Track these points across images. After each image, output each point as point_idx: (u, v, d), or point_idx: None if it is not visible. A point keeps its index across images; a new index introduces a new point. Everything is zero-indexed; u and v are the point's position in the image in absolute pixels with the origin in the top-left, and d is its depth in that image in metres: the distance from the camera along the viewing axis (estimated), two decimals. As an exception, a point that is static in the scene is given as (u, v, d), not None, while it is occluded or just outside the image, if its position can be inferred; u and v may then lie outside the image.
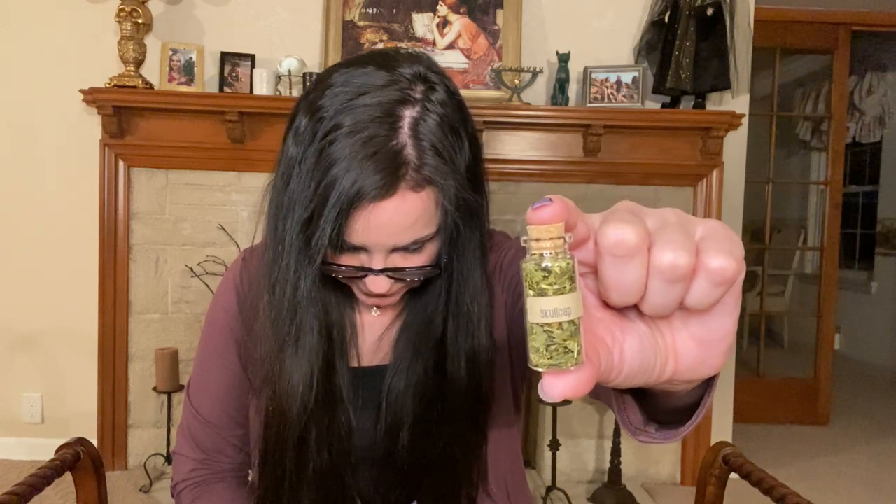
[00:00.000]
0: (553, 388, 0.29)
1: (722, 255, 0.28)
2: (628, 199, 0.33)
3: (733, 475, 0.99)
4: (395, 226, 0.58)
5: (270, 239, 0.64)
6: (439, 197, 0.60)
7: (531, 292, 0.29)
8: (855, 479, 2.58)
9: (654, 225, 0.30)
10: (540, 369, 0.29)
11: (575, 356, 0.29)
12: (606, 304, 0.33)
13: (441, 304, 0.68)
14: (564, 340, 0.29)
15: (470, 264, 0.67)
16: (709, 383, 0.42)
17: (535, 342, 0.29)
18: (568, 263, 0.29)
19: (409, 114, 0.58)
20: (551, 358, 0.29)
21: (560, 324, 0.28)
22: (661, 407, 0.45)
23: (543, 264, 0.28)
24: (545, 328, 0.29)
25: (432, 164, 0.58)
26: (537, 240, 0.29)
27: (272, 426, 0.68)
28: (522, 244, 0.29)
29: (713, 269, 0.28)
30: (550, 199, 0.29)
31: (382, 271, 0.62)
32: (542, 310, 0.29)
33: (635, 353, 0.32)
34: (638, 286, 0.29)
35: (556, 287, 0.28)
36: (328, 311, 0.68)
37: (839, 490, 2.46)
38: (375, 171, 0.56)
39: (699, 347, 0.32)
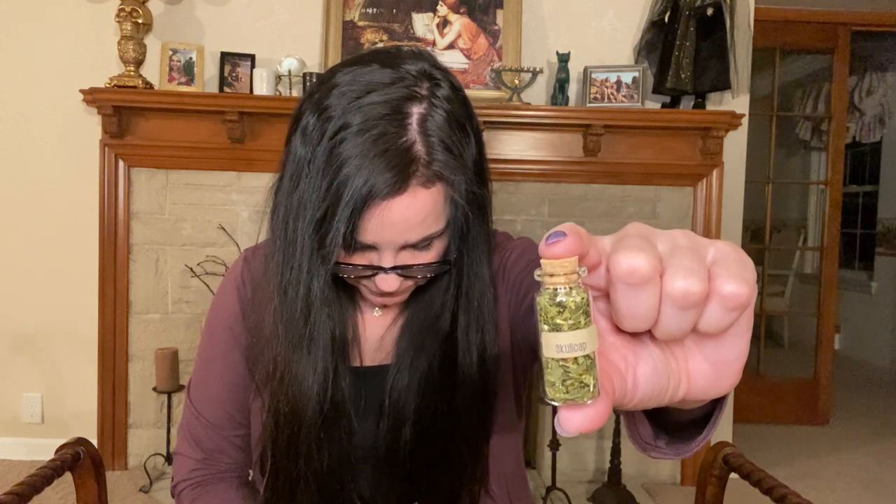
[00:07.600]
0: (570, 422, 0.29)
1: (735, 280, 0.28)
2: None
3: (733, 475, 0.99)
4: (406, 222, 0.59)
5: (280, 241, 0.63)
6: (449, 192, 0.60)
7: (546, 327, 0.29)
8: (855, 479, 2.58)
9: (664, 249, 0.30)
10: (556, 403, 0.29)
11: (591, 390, 0.29)
12: (619, 329, 0.32)
13: (450, 299, 0.68)
14: (580, 375, 0.28)
15: (479, 258, 0.67)
16: (719, 398, 0.41)
17: (551, 376, 0.29)
18: (583, 298, 0.28)
19: (416, 110, 0.58)
20: (567, 392, 0.29)
21: (576, 358, 0.28)
22: (669, 419, 0.45)
23: (558, 299, 0.28)
24: (561, 363, 0.28)
25: (442, 160, 0.58)
26: (551, 275, 0.28)
27: (284, 428, 0.67)
28: (536, 278, 0.29)
29: (726, 294, 0.28)
30: (564, 234, 0.28)
31: (393, 269, 0.62)
32: (557, 345, 0.28)
33: (649, 377, 0.32)
34: (651, 313, 0.29)
35: (570, 322, 0.28)
36: (337, 312, 0.68)
37: (839, 490, 2.46)
38: (387, 169, 0.56)
39: (712, 369, 0.32)
